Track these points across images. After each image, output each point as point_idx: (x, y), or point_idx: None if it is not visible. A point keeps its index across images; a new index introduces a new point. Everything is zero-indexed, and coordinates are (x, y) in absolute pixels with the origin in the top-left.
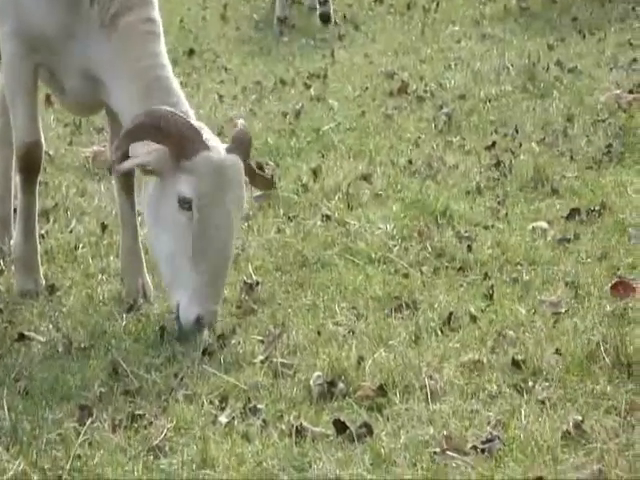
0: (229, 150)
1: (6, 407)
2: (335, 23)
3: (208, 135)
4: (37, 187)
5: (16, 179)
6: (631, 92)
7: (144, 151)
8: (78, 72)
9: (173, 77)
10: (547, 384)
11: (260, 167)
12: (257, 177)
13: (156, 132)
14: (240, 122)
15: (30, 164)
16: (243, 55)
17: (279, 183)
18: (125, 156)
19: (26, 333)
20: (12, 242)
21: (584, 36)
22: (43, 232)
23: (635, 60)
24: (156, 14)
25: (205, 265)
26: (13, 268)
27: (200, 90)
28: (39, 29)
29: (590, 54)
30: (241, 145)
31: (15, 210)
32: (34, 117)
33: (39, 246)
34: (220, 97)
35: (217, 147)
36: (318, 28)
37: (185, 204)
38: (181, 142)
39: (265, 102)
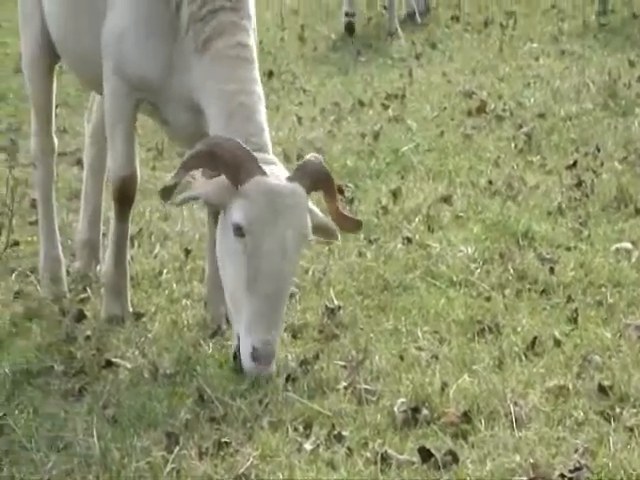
0: (291, 179)
1: (96, 435)
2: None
3: (276, 168)
4: (130, 216)
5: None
6: None
7: (202, 184)
8: (180, 104)
9: (259, 104)
10: (635, 410)
11: (341, 190)
12: (345, 218)
13: (211, 160)
14: (310, 155)
15: (125, 195)
16: (321, 76)
17: (359, 206)
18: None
19: (113, 360)
20: (100, 268)
21: None
22: (128, 258)
23: None
24: (249, 40)
25: (259, 294)
26: (102, 294)
27: (279, 112)
28: (141, 69)
29: None
30: (305, 175)
31: (104, 235)
32: (131, 151)
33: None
34: (299, 119)
35: (276, 174)
36: (396, 48)
37: (238, 231)
38: (236, 168)
39: (344, 123)
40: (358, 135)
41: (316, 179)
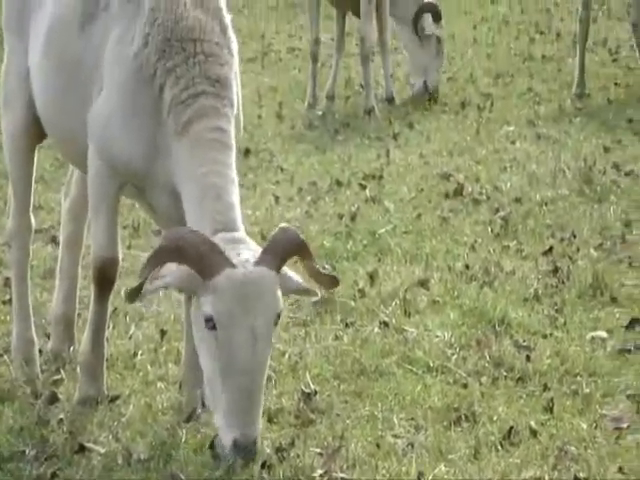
0: (258, 262)
1: None
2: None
3: (245, 248)
4: (110, 297)
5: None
6: None
7: (171, 271)
8: (164, 188)
9: (231, 186)
10: None
11: None
12: (321, 276)
13: (176, 255)
14: (280, 227)
15: (105, 277)
16: (299, 154)
17: (336, 289)
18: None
19: (86, 444)
20: (74, 348)
21: None
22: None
23: None
24: (229, 126)
25: (233, 386)
26: (77, 375)
27: (256, 191)
28: (125, 153)
29: None
30: (274, 252)
31: (79, 315)
32: (113, 233)
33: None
34: (276, 198)
35: (244, 261)
36: (373, 127)
37: (209, 324)
38: (202, 262)
39: (321, 203)
40: (335, 216)
41: (289, 250)
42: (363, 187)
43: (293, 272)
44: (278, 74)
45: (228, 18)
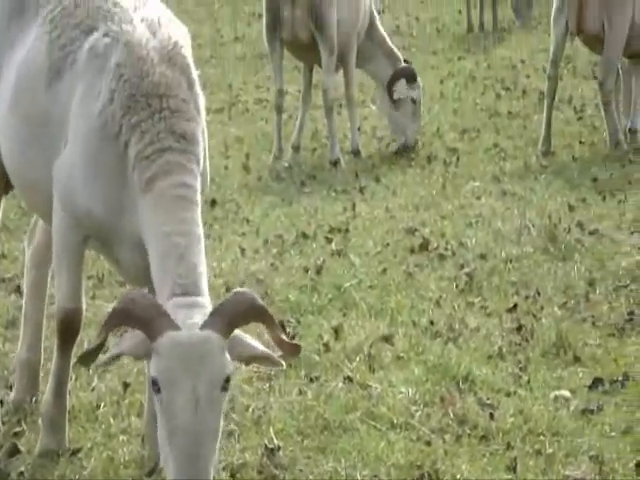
0: (204, 325)
1: None
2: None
3: (199, 313)
4: (73, 349)
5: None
6: None
7: (125, 338)
8: (130, 243)
9: (195, 245)
10: None
11: (282, 325)
12: (283, 343)
13: (127, 317)
14: (234, 290)
15: (69, 328)
16: (265, 206)
17: (301, 342)
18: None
19: None
20: (37, 399)
21: (604, 197)
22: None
23: None
24: (194, 181)
25: (178, 450)
26: (39, 426)
27: (222, 243)
28: (88, 207)
29: (610, 216)
30: (222, 316)
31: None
32: (78, 284)
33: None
34: (242, 250)
35: (190, 324)
36: (340, 180)
37: (155, 386)
38: (149, 324)
39: (287, 256)
40: (301, 269)
41: (240, 314)
42: (329, 240)
43: (251, 338)
44: (245, 125)
45: (195, 73)
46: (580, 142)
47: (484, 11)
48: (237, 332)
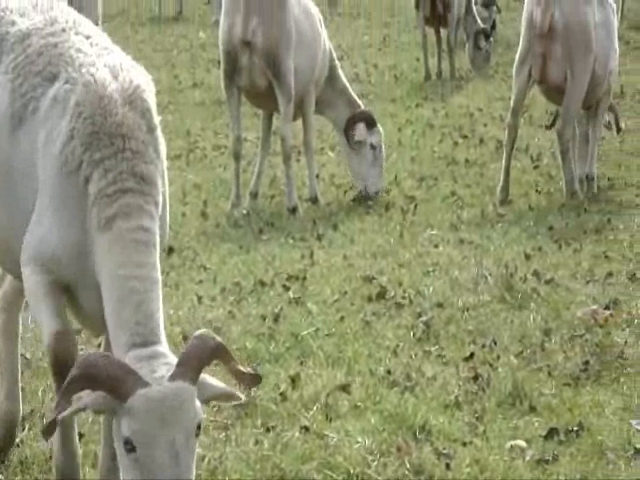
0: (173, 377)
1: None
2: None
3: (163, 363)
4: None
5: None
6: (607, 308)
7: (87, 394)
8: (90, 287)
9: (152, 290)
10: None
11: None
12: (243, 375)
13: (90, 381)
14: (195, 335)
15: (62, 357)
16: (222, 253)
17: (257, 391)
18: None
19: None
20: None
21: (560, 246)
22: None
23: (610, 274)
24: (152, 224)
25: None
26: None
27: (179, 290)
28: (52, 249)
29: (566, 265)
30: (189, 363)
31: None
32: (59, 310)
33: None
34: (199, 298)
35: (158, 378)
36: (298, 227)
37: (128, 446)
38: (116, 385)
39: (244, 304)
40: (258, 317)
41: (204, 358)
42: (287, 288)
43: (212, 378)
44: (203, 172)
45: (157, 119)
46: (536, 191)
47: (442, 59)
48: (201, 375)
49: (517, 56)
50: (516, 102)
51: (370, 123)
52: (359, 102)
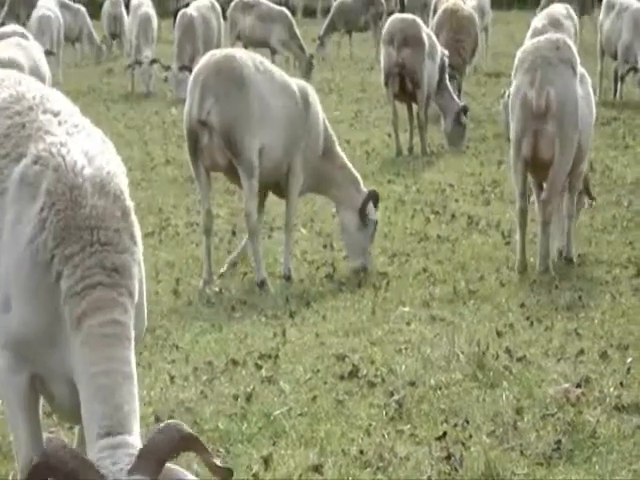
0: (132, 470)
1: None
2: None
3: (126, 453)
4: None
5: None
6: (579, 386)
7: None
8: (63, 380)
9: (123, 384)
10: None
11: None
12: (215, 468)
13: (50, 471)
14: (159, 426)
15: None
16: (195, 332)
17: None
18: None
19: None
20: None
21: (532, 323)
22: None
23: (582, 352)
24: (125, 317)
25: None
26: None
27: (151, 370)
28: (25, 339)
29: (538, 342)
30: (150, 459)
31: None
32: (38, 431)
33: None
34: (171, 378)
35: (117, 471)
36: (270, 304)
37: None
38: (73, 478)
39: (216, 383)
40: (230, 396)
41: (168, 450)
42: (259, 367)
43: (178, 469)
44: (176, 249)
45: (130, 202)
46: (508, 267)
47: (413, 135)
48: (167, 466)
49: (512, 137)
50: (521, 184)
51: (376, 202)
52: (359, 177)
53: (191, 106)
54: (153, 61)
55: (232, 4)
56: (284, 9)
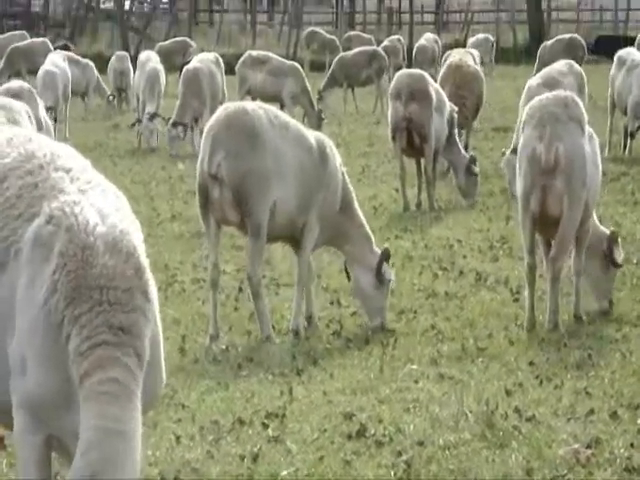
0: None
1: None
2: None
3: None
4: None
5: None
6: (589, 447)
7: None
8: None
9: (108, 440)
10: None
11: None
12: None
13: None
14: None
15: None
16: (201, 390)
17: None
18: None
19: None
20: None
21: (541, 382)
22: None
23: (592, 411)
24: (127, 376)
25: None
26: None
27: (157, 429)
28: (42, 401)
29: (547, 402)
30: None
31: None
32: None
33: None
34: (177, 437)
35: None
36: (277, 362)
37: None
38: None
39: (223, 443)
40: (237, 456)
41: None
42: (266, 426)
43: None
44: (182, 306)
45: (145, 259)
46: (516, 324)
47: (421, 190)
48: None
49: (520, 193)
50: (529, 240)
51: (387, 259)
52: (372, 236)
53: (202, 159)
54: (153, 116)
55: (241, 60)
56: (295, 63)
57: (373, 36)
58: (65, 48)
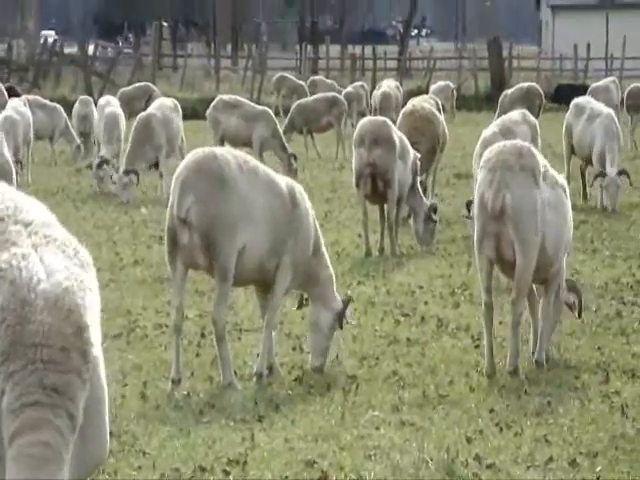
0: None
1: None
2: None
3: None
4: None
5: None
6: None
7: None
8: None
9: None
10: None
11: None
12: None
13: None
14: None
15: None
16: (162, 437)
17: None
18: None
19: None
20: None
21: (501, 429)
22: None
23: (551, 459)
24: (57, 438)
25: None
26: None
27: (117, 477)
28: None
29: (507, 449)
30: None
31: None
32: None
33: None
34: None
35: None
36: (239, 408)
37: None
38: None
39: None
40: None
41: None
42: (227, 473)
43: None
44: (143, 352)
45: (89, 319)
46: (477, 371)
47: (384, 236)
48: None
49: (475, 236)
50: (485, 280)
51: (347, 306)
52: (334, 277)
53: (172, 204)
54: (102, 163)
55: (212, 104)
56: (267, 108)
57: (336, 82)
58: (11, 90)
